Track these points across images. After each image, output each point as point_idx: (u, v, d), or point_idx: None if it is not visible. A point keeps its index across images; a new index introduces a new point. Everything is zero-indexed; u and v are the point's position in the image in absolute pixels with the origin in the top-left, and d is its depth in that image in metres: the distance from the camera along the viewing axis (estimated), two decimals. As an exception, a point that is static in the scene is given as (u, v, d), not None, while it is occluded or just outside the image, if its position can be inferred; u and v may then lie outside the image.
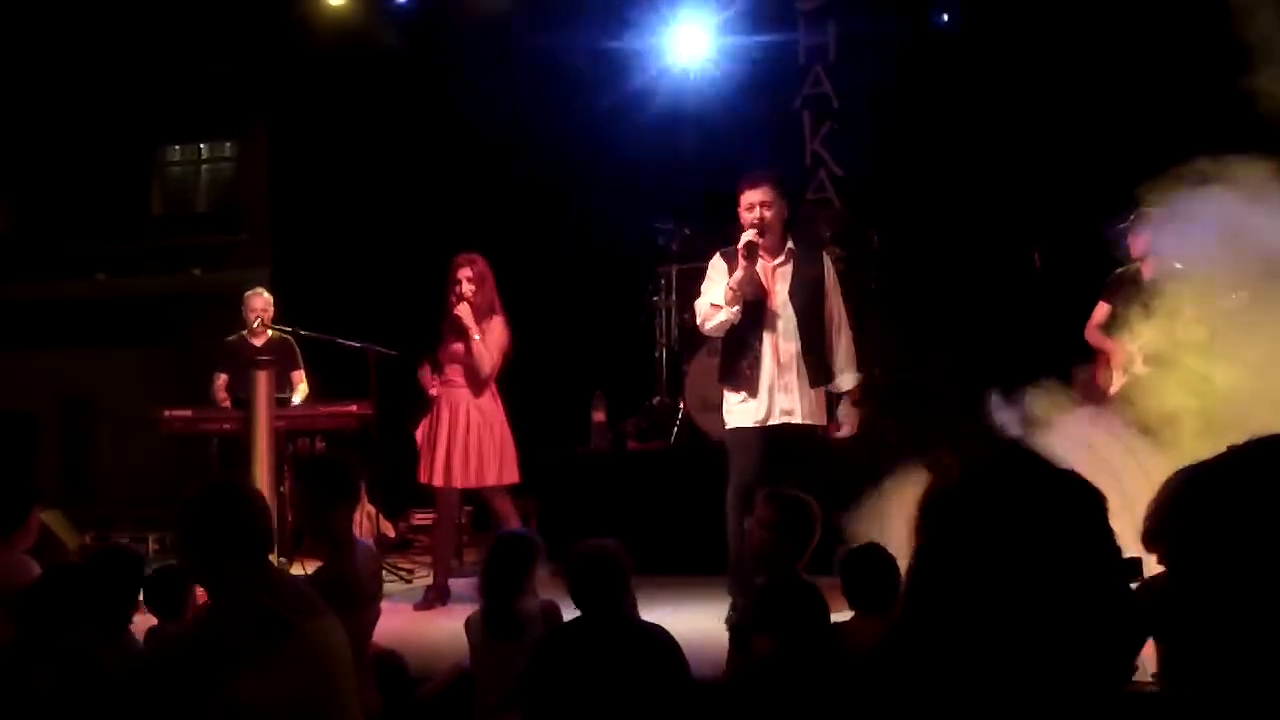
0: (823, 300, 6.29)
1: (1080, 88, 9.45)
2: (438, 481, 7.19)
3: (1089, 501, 1.45)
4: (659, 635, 4.08)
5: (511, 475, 7.29)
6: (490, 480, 7.20)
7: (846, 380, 6.38)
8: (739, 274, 6.09)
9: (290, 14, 10.61)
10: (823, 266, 6.38)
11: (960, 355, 8.35)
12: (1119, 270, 7.67)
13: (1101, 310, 7.65)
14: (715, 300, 6.22)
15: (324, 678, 3.38)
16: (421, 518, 9.55)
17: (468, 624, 4.67)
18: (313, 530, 4.82)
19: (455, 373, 7.29)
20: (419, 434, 7.34)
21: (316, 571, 4.86)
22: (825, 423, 6.31)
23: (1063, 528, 1.41)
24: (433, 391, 7.33)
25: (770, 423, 6.14)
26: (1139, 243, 7.52)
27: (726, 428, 6.31)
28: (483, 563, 4.77)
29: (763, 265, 6.22)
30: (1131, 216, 7.56)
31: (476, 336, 7.16)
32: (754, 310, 6.20)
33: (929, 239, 9.42)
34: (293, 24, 10.61)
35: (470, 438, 7.17)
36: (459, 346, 7.26)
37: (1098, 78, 9.39)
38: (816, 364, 6.22)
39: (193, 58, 12.42)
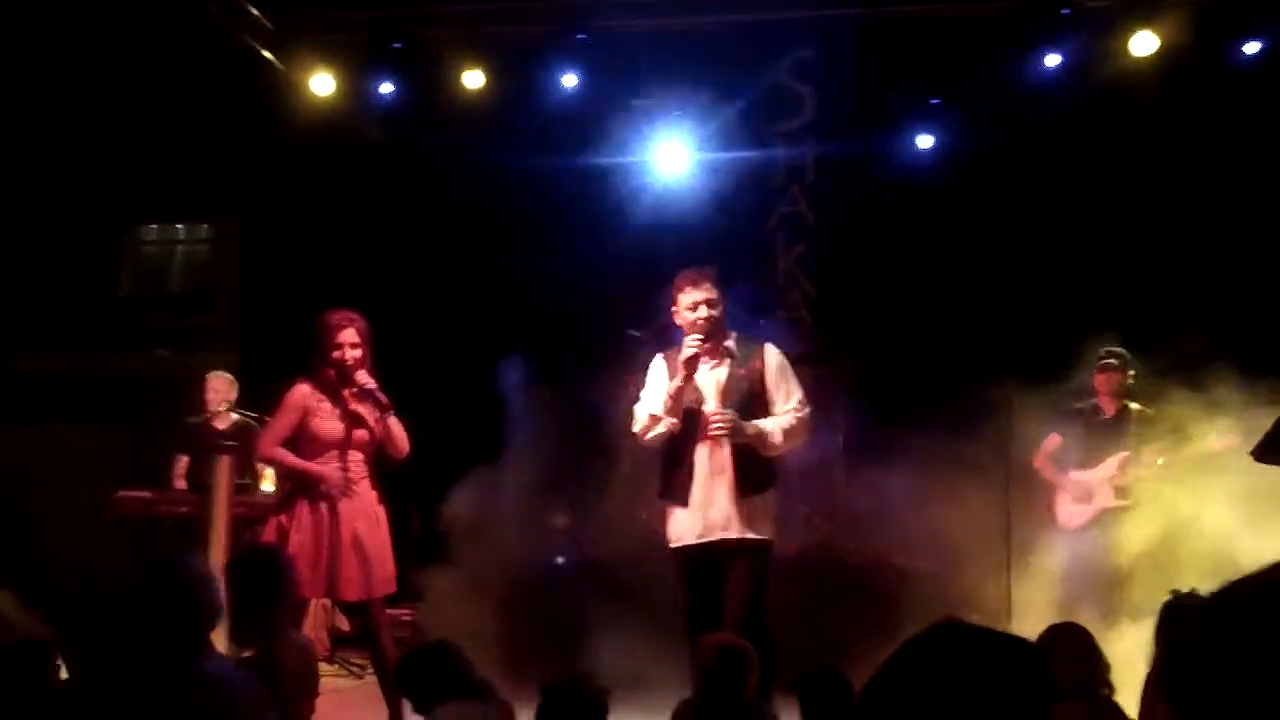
0: (761, 397, 5.84)
1: (1057, 219, 9.61)
2: (354, 596, 6.03)
3: (1032, 663, 1.54)
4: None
5: (392, 583, 6.25)
6: (383, 589, 6.13)
7: (766, 422, 5.78)
8: (677, 383, 5.74)
9: (274, 101, 10.65)
10: (761, 359, 5.88)
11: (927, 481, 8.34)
12: (1078, 405, 7.85)
13: (1053, 441, 7.88)
14: (654, 410, 5.83)
15: None
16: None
17: None
18: (240, 624, 4.61)
19: (354, 462, 6.12)
20: (299, 539, 5.91)
21: (241, 663, 4.71)
22: (770, 536, 5.81)
23: (1006, 689, 1.50)
24: (334, 490, 6.00)
25: (708, 539, 5.74)
26: (1102, 380, 7.75)
27: (669, 545, 5.91)
28: (398, 665, 4.69)
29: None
30: (1098, 356, 7.77)
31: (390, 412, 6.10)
32: (688, 418, 5.79)
33: (902, 364, 9.45)
34: (276, 112, 10.64)
35: (368, 542, 6.02)
36: (362, 432, 6.11)
37: (1075, 209, 9.57)
38: (748, 473, 5.74)
39: (173, 140, 12.43)
